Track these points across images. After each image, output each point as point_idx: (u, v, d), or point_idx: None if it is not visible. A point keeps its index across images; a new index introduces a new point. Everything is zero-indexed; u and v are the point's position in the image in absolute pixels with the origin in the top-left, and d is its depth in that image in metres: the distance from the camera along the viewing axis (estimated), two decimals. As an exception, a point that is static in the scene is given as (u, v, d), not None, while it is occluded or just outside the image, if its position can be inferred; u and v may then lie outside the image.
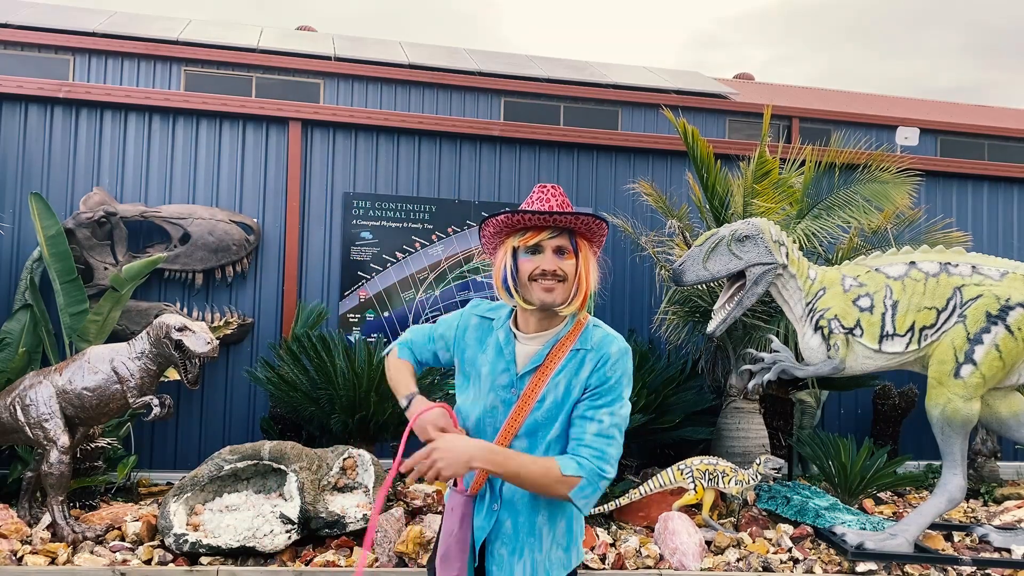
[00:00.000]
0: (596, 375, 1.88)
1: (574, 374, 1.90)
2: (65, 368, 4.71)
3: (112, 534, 4.68)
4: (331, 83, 10.83)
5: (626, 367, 1.91)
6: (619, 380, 1.89)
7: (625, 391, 1.91)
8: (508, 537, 1.94)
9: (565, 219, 1.87)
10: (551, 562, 1.95)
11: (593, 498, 1.85)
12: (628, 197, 7.31)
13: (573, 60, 13.44)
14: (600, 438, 1.85)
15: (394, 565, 4.49)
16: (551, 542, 1.96)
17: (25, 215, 6.33)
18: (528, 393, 1.90)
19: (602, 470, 1.84)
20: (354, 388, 5.48)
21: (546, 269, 1.86)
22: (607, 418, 1.86)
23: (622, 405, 1.89)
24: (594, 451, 1.84)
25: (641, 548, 4.78)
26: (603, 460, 1.84)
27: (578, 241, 1.90)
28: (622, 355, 1.91)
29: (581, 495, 1.83)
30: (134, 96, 6.75)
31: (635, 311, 7.43)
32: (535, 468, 1.81)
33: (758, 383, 4.68)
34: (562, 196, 1.92)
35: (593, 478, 1.83)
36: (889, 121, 11.74)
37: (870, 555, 4.14)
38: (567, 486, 1.81)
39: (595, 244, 1.95)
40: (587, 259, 1.90)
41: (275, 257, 6.85)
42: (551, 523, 1.96)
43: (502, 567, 1.94)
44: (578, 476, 1.81)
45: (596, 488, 1.84)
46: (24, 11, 11.07)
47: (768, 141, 6.06)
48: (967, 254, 4.38)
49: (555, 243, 1.87)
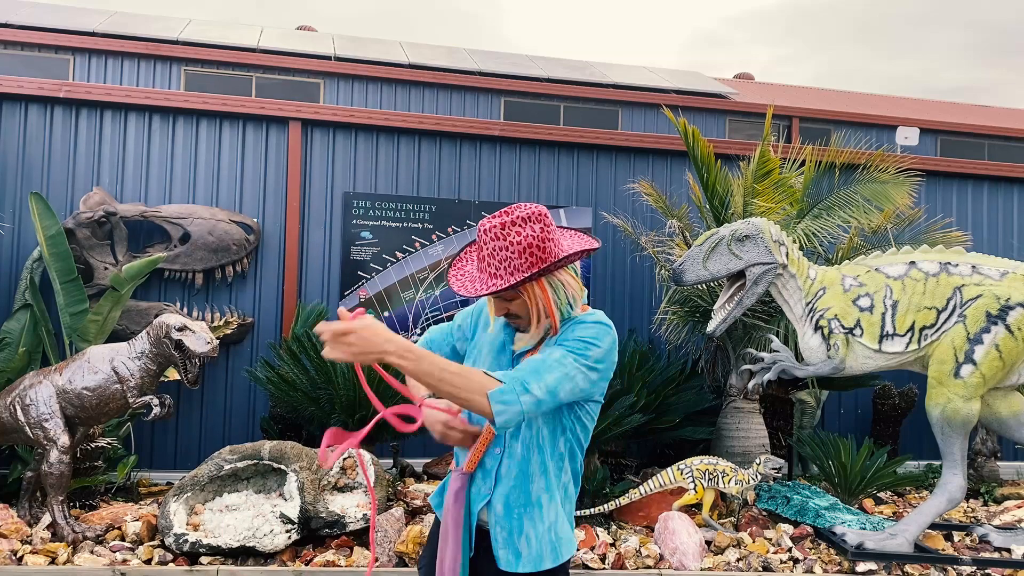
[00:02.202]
0: (564, 332, 1.90)
1: (550, 342, 1.93)
2: (65, 368, 4.71)
3: (112, 534, 4.69)
4: (331, 83, 10.83)
5: (599, 335, 1.88)
6: (586, 341, 1.86)
7: (592, 353, 1.86)
8: (505, 514, 1.96)
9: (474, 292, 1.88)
10: (558, 536, 1.96)
11: (510, 409, 1.74)
12: (628, 197, 7.31)
13: (573, 60, 13.44)
14: (539, 363, 1.82)
15: (394, 565, 4.49)
16: (555, 515, 1.97)
17: (25, 215, 6.33)
18: None
19: (526, 384, 1.76)
20: (354, 388, 5.49)
21: (498, 314, 1.94)
22: (557, 353, 1.84)
23: (580, 358, 1.84)
24: (527, 371, 1.80)
25: (641, 548, 4.78)
26: (534, 377, 1.78)
27: (524, 285, 1.87)
28: (595, 323, 1.90)
29: (497, 400, 1.73)
30: (134, 96, 6.75)
31: (635, 311, 7.43)
32: (455, 369, 1.72)
33: (758, 383, 4.68)
34: (491, 253, 1.86)
35: (516, 387, 1.76)
36: (889, 121, 11.75)
37: (870, 555, 4.14)
38: (487, 387, 1.73)
39: (549, 272, 1.88)
40: (534, 295, 1.88)
41: (275, 257, 6.85)
42: (551, 493, 1.97)
43: (509, 545, 1.96)
44: (499, 381, 1.76)
45: (516, 399, 1.74)
46: (24, 11, 11.08)
47: (770, 141, 6.06)
48: (967, 254, 4.38)
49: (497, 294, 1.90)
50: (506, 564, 1.95)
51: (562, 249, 1.89)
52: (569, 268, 1.94)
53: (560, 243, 1.91)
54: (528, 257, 1.84)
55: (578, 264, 1.99)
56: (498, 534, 1.97)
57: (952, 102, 16.40)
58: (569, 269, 1.94)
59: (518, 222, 1.85)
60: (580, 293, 1.95)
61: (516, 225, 1.85)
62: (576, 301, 1.93)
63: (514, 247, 1.83)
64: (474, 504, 1.99)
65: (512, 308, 1.92)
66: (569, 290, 1.92)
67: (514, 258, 1.84)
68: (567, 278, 1.92)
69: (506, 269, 1.85)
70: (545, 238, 1.86)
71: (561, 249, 1.89)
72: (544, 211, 1.89)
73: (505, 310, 1.93)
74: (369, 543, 4.69)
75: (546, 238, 1.86)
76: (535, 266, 1.84)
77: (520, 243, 1.83)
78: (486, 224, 1.87)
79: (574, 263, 1.95)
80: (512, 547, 1.95)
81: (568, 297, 1.91)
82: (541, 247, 1.85)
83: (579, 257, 1.92)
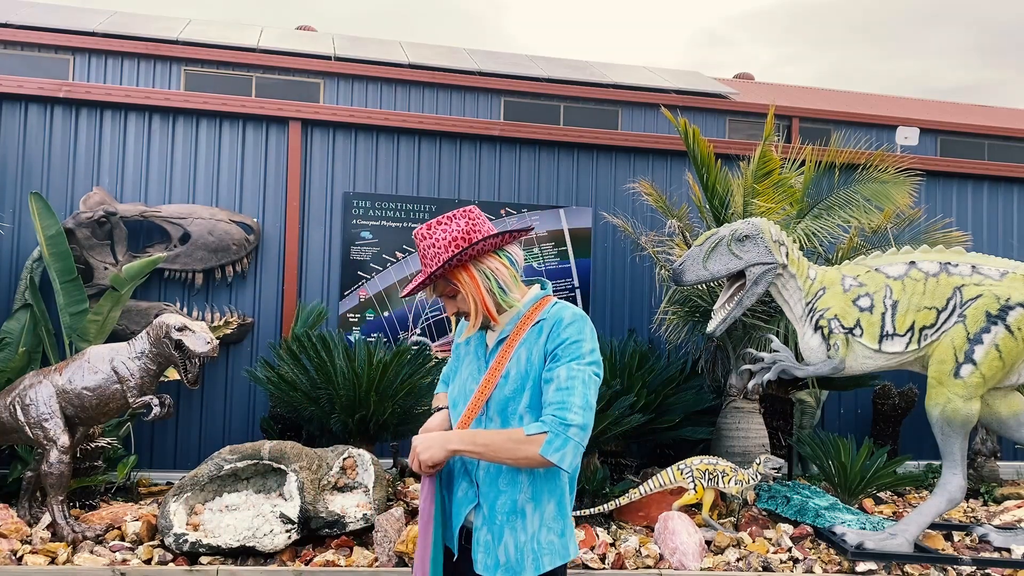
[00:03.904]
0: (551, 339, 1.94)
1: (534, 343, 1.96)
2: (65, 368, 4.71)
3: (112, 534, 4.69)
4: (331, 83, 10.83)
5: (581, 329, 1.94)
6: (575, 341, 1.92)
7: (585, 349, 1.93)
8: (486, 520, 1.97)
9: (414, 288, 2.01)
10: (540, 545, 1.95)
11: (568, 450, 1.84)
12: (628, 197, 7.31)
13: (573, 60, 13.44)
14: (559, 392, 1.87)
15: (394, 565, 4.49)
16: (539, 524, 1.96)
17: (25, 215, 6.33)
18: (495, 366, 1.98)
19: (564, 419, 1.84)
20: (354, 388, 5.48)
21: (449, 313, 2.06)
22: (564, 371, 1.89)
23: (581, 360, 1.91)
24: (555, 404, 1.86)
25: (641, 548, 4.78)
26: (564, 409, 1.85)
27: (454, 275, 1.97)
28: (576, 319, 1.95)
29: (551, 449, 1.83)
30: (134, 96, 6.75)
31: (635, 311, 7.44)
32: (501, 435, 1.89)
33: (758, 383, 4.68)
34: (423, 253, 1.98)
35: (558, 428, 1.84)
36: (889, 121, 11.75)
37: (870, 555, 4.14)
38: (535, 444, 1.84)
39: (480, 256, 1.98)
40: (466, 283, 1.97)
41: (275, 257, 6.85)
42: (536, 502, 1.96)
43: (488, 551, 1.96)
44: (542, 431, 1.84)
45: (566, 439, 1.84)
46: (24, 11, 11.08)
47: (771, 140, 6.05)
48: (967, 254, 4.38)
49: (439, 291, 2.03)
50: (483, 569, 1.96)
51: (486, 234, 1.98)
52: (500, 255, 1.99)
53: (488, 233, 1.99)
54: (453, 249, 1.94)
55: (518, 258, 2.03)
56: (481, 537, 1.97)
57: (952, 102, 16.40)
58: (500, 256, 1.99)
59: (444, 220, 1.97)
60: (512, 281, 2.00)
61: (442, 224, 1.97)
62: (509, 286, 1.99)
63: (440, 243, 1.95)
64: (462, 507, 2.01)
65: (459, 306, 2.01)
66: (499, 275, 1.97)
67: (441, 253, 1.95)
68: (496, 264, 1.98)
69: (436, 263, 1.95)
70: (470, 230, 1.96)
71: (485, 235, 1.97)
72: (473, 209, 2.01)
73: (455, 308, 2.03)
74: (369, 543, 4.69)
75: (471, 230, 1.96)
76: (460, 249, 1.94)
77: (445, 237, 1.95)
78: (418, 229, 1.99)
79: (508, 253, 2.01)
80: (491, 553, 1.96)
81: (499, 282, 1.98)
82: (465, 238, 1.95)
83: (503, 240, 1.99)
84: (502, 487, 1.95)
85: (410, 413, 5.73)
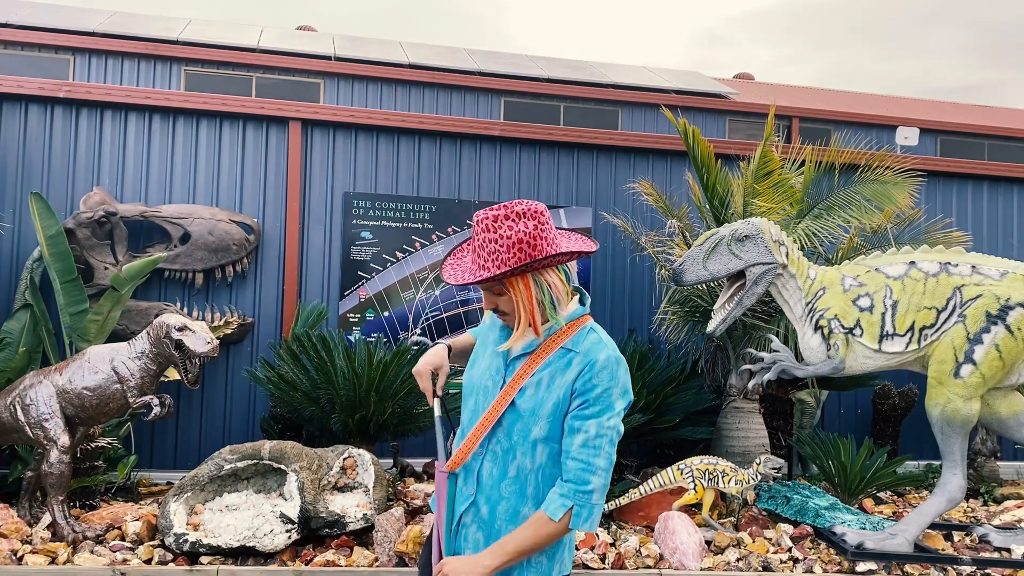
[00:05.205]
0: (582, 380, 1.85)
1: (560, 373, 1.88)
2: (65, 368, 4.71)
3: (112, 534, 4.69)
4: (331, 83, 10.84)
5: (616, 377, 1.86)
6: (607, 390, 1.85)
7: (617, 402, 1.87)
8: (484, 522, 1.94)
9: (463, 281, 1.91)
10: (528, 562, 1.91)
11: (594, 514, 1.85)
12: (628, 197, 7.31)
13: (573, 60, 13.44)
14: (586, 449, 1.84)
15: (394, 565, 4.49)
16: None
17: (25, 215, 6.33)
18: (515, 379, 1.91)
19: (586, 487, 1.82)
20: (354, 388, 5.48)
21: (487, 307, 1.97)
22: (593, 427, 1.84)
23: (611, 416, 1.85)
24: (579, 463, 1.83)
25: (641, 548, 4.78)
26: (588, 471, 1.83)
27: (509, 280, 1.86)
28: (610, 364, 1.86)
29: (580, 521, 1.84)
30: (134, 96, 6.75)
31: (635, 311, 7.43)
32: (528, 532, 1.84)
33: (758, 383, 4.68)
34: (481, 244, 1.86)
35: (582, 500, 1.83)
36: (889, 121, 11.75)
37: (870, 555, 4.14)
38: (564, 523, 1.83)
39: (535, 268, 1.86)
40: (519, 291, 1.86)
41: (275, 257, 6.85)
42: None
43: (477, 550, 1.92)
44: (567, 509, 1.83)
45: (591, 507, 1.84)
46: (24, 11, 11.08)
47: (771, 141, 6.05)
48: (967, 254, 4.38)
49: (485, 285, 1.91)
50: None
51: (554, 248, 1.86)
52: (559, 270, 1.90)
53: (555, 243, 1.87)
54: (517, 252, 1.81)
55: (573, 268, 1.98)
56: (470, 534, 1.95)
57: (952, 102, 16.40)
58: (559, 271, 1.89)
59: (512, 216, 1.83)
60: (565, 297, 1.91)
61: (509, 219, 1.82)
62: (560, 303, 1.90)
63: (503, 240, 1.81)
64: (457, 504, 1.98)
65: (500, 304, 1.92)
66: (555, 290, 1.87)
67: (502, 252, 1.82)
68: (554, 279, 1.88)
69: (493, 262, 1.84)
70: (537, 235, 1.82)
71: (553, 248, 1.86)
72: (541, 209, 1.85)
73: (494, 305, 1.93)
74: (369, 543, 4.69)
75: (538, 235, 1.82)
76: (522, 262, 1.82)
77: (511, 237, 1.81)
78: (480, 215, 1.86)
79: (565, 264, 1.92)
80: None
81: (553, 298, 1.88)
82: (532, 244, 1.82)
83: (570, 258, 1.88)
84: (507, 494, 1.92)
85: (410, 413, 5.73)
